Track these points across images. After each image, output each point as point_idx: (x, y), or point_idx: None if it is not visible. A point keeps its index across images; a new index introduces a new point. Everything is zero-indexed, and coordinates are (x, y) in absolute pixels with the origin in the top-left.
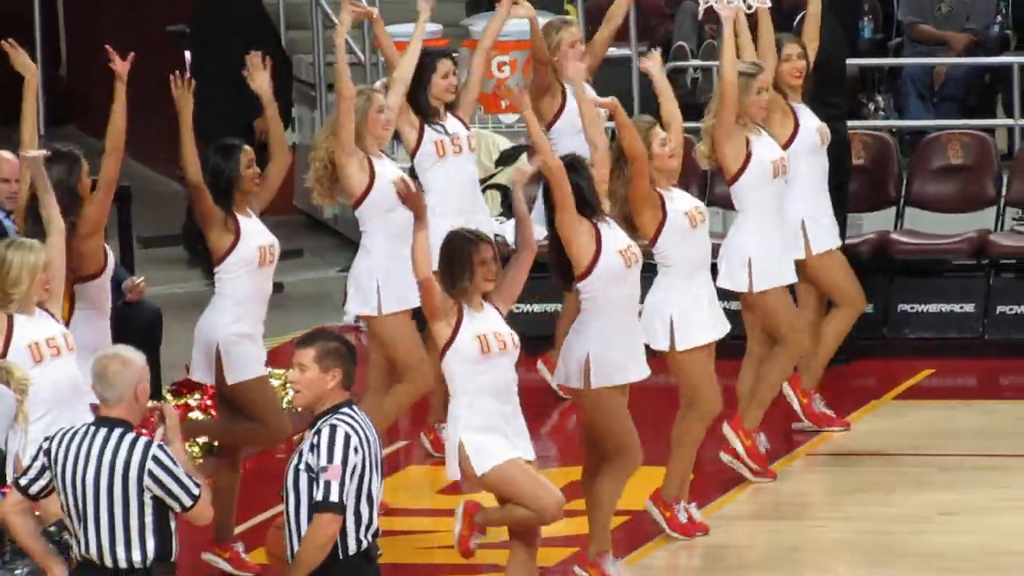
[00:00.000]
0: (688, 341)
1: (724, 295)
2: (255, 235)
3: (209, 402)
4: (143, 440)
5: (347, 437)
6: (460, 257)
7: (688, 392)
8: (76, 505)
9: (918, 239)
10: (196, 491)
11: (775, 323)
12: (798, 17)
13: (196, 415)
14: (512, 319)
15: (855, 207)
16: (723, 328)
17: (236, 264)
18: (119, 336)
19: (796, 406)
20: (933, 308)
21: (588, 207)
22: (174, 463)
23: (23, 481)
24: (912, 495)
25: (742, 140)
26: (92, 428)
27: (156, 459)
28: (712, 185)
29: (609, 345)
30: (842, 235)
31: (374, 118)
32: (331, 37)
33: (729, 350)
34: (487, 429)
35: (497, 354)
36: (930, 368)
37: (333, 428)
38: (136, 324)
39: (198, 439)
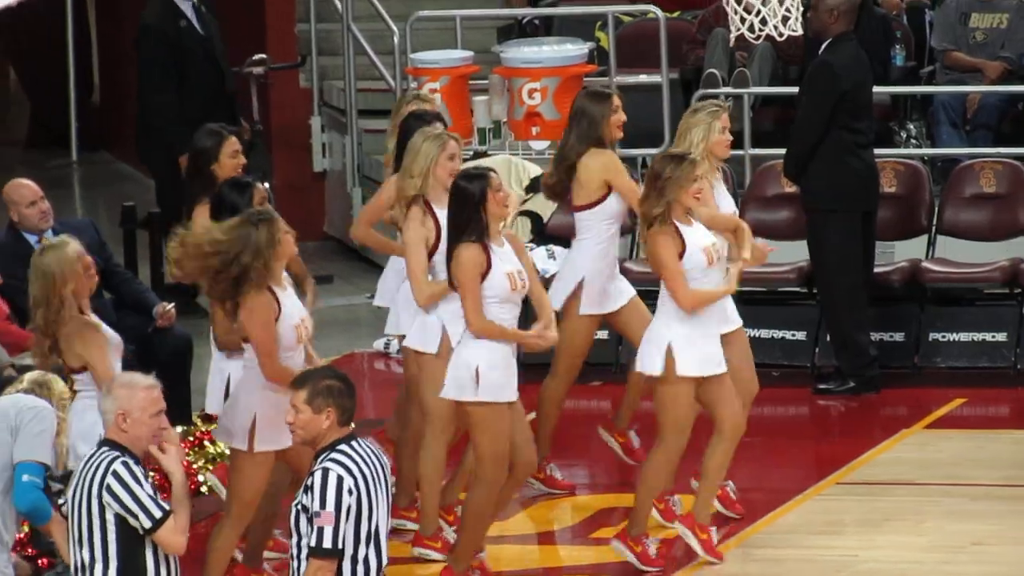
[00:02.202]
0: (686, 370)
1: None
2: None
3: None
4: (110, 456)
5: (339, 480)
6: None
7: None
8: (69, 522)
9: (950, 267)
10: (157, 514)
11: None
12: (823, 45)
13: None
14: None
15: (887, 235)
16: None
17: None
18: (148, 362)
19: (616, 448)
20: (965, 337)
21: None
22: (137, 482)
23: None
24: (943, 524)
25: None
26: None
27: (115, 474)
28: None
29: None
30: (872, 263)
31: (443, 164)
32: (362, 64)
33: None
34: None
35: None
36: (962, 397)
37: (325, 472)
38: (166, 350)
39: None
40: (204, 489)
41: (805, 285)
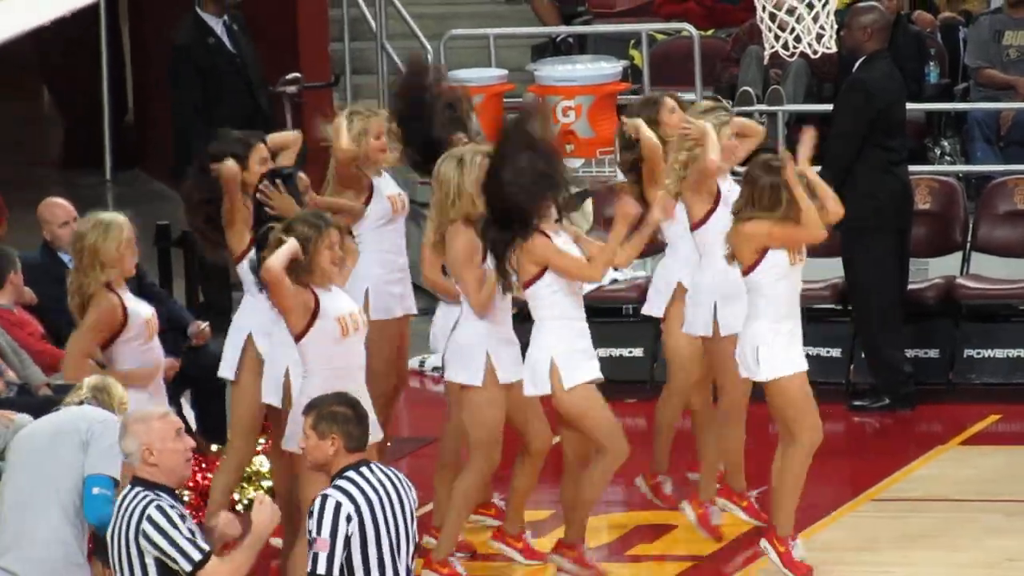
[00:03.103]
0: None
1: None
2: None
3: None
4: (144, 501)
5: (337, 507)
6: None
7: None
8: (111, 562)
9: (984, 284)
10: (196, 556)
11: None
12: (857, 63)
13: (261, 459)
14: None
15: (921, 252)
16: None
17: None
18: (184, 380)
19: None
20: (999, 353)
21: None
22: (173, 525)
23: None
24: (978, 541)
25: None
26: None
27: (150, 519)
28: None
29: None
30: (906, 280)
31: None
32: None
33: None
34: None
35: (353, 335)
36: (997, 413)
37: (324, 498)
38: (201, 368)
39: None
40: (240, 507)
41: (839, 302)
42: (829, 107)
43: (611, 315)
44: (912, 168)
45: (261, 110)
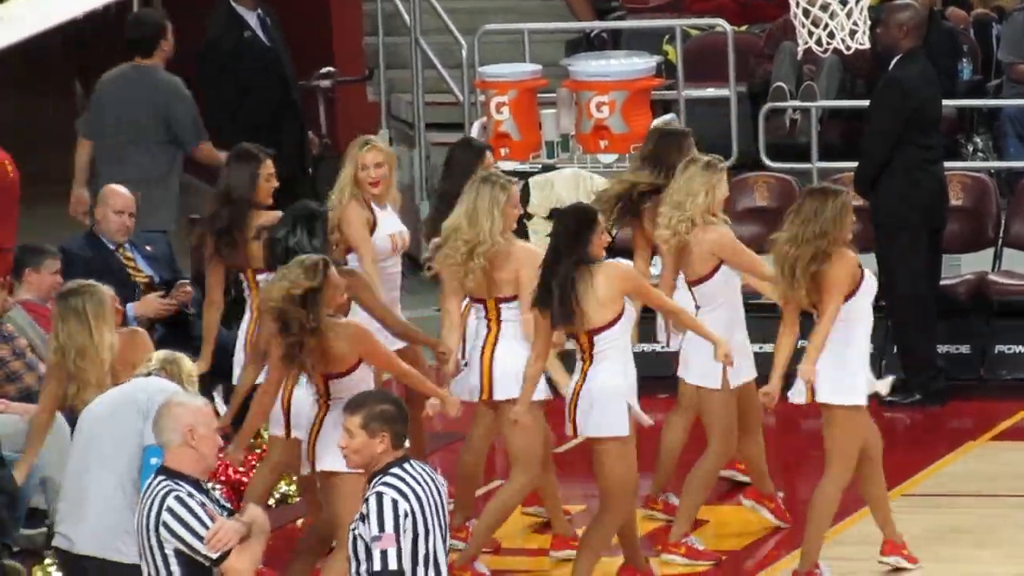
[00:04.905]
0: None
1: None
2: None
3: None
4: (163, 491)
5: (394, 503)
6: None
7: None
8: (139, 554)
9: (1016, 280)
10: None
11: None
12: (893, 61)
13: None
14: None
15: (953, 248)
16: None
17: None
18: (217, 376)
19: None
20: None
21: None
22: (193, 515)
23: None
24: (1009, 536)
25: None
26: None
27: (170, 510)
28: None
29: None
30: (938, 276)
31: (509, 212)
32: (430, 78)
33: None
34: None
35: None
36: None
37: (380, 496)
38: (233, 364)
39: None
40: (271, 502)
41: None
42: (862, 103)
43: (645, 311)
44: (944, 164)
45: (293, 104)
